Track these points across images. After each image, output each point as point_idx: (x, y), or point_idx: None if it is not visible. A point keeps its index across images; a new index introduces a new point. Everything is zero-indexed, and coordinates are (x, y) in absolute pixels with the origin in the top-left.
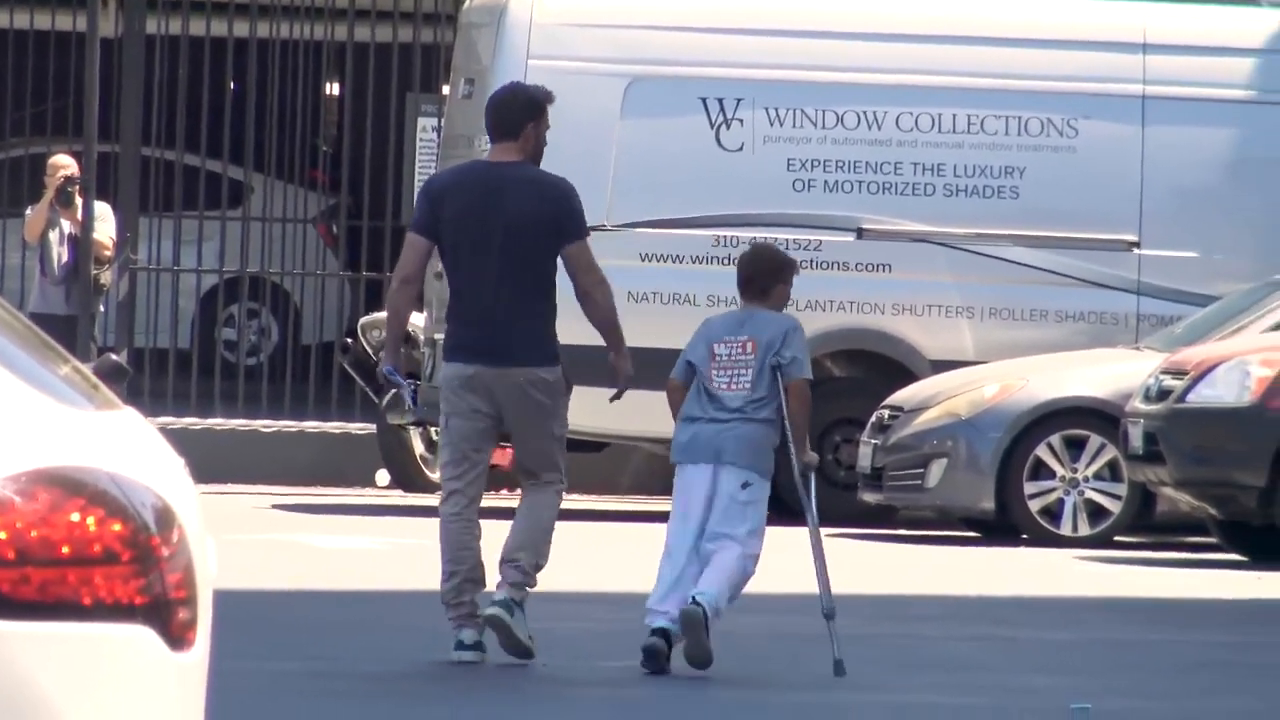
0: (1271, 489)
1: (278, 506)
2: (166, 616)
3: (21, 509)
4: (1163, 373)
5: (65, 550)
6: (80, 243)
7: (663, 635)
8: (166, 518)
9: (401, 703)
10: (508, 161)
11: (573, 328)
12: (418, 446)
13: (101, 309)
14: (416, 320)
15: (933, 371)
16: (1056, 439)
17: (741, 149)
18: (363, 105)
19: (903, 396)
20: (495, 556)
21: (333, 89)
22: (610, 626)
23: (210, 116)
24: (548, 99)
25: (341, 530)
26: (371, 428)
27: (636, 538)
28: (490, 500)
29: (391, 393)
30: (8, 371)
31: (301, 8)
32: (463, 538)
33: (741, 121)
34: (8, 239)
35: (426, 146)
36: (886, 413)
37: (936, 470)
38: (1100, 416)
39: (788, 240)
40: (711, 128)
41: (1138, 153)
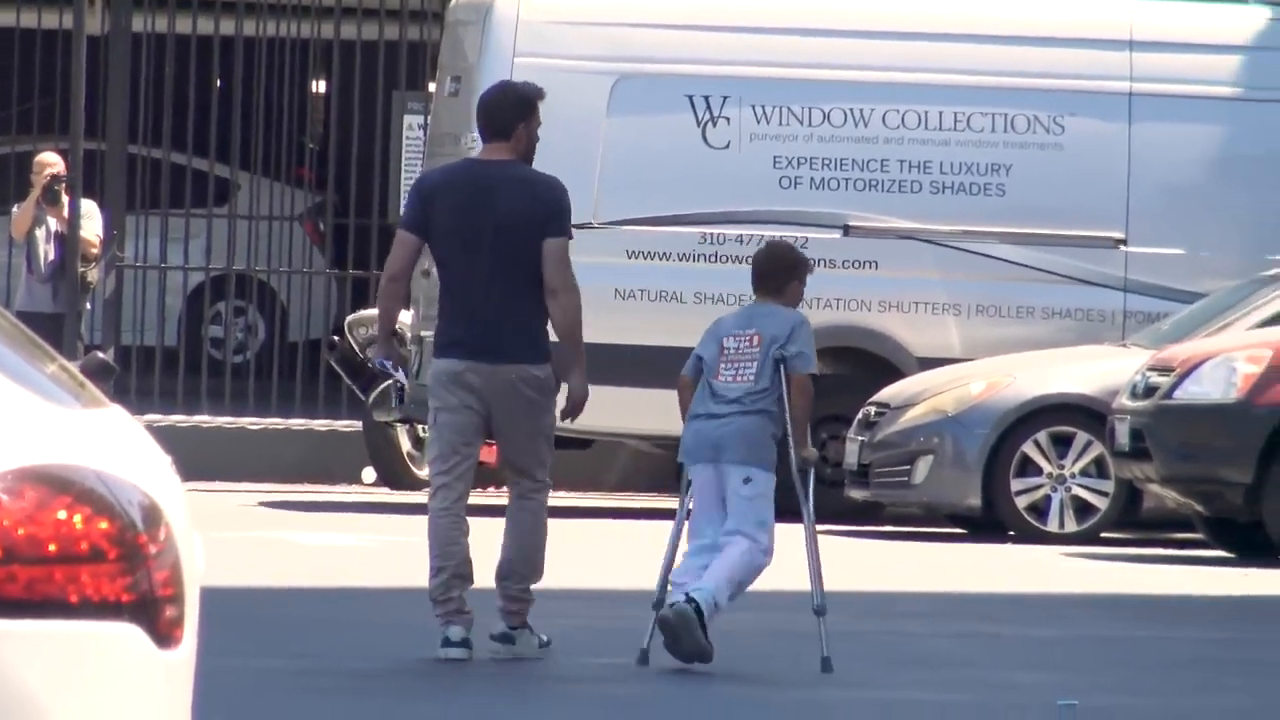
0: (1258, 485)
1: (264, 504)
2: (153, 614)
3: (8, 507)
4: (1149, 369)
5: (52, 548)
6: (67, 240)
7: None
8: (153, 515)
9: (388, 700)
10: (498, 160)
11: None
12: (404, 444)
13: (88, 307)
14: (404, 318)
15: (920, 368)
16: (1043, 436)
17: (728, 146)
18: (349, 103)
19: (889, 393)
20: (482, 557)
21: (319, 87)
22: (598, 623)
23: (197, 114)
24: (538, 96)
25: (328, 527)
26: (358, 425)
27: (623, 535)
28: (478, 498)
29: (380, 388)
30: None
31: (288, 5)
32: (451, 533)
33: (728, 119)
34: None
35: (413, 144)
36: (873, 409)
37: (923, 467)
38: (1087, 413)
39: (774, 238)
40: (698, 125)
41: (1124, 150)
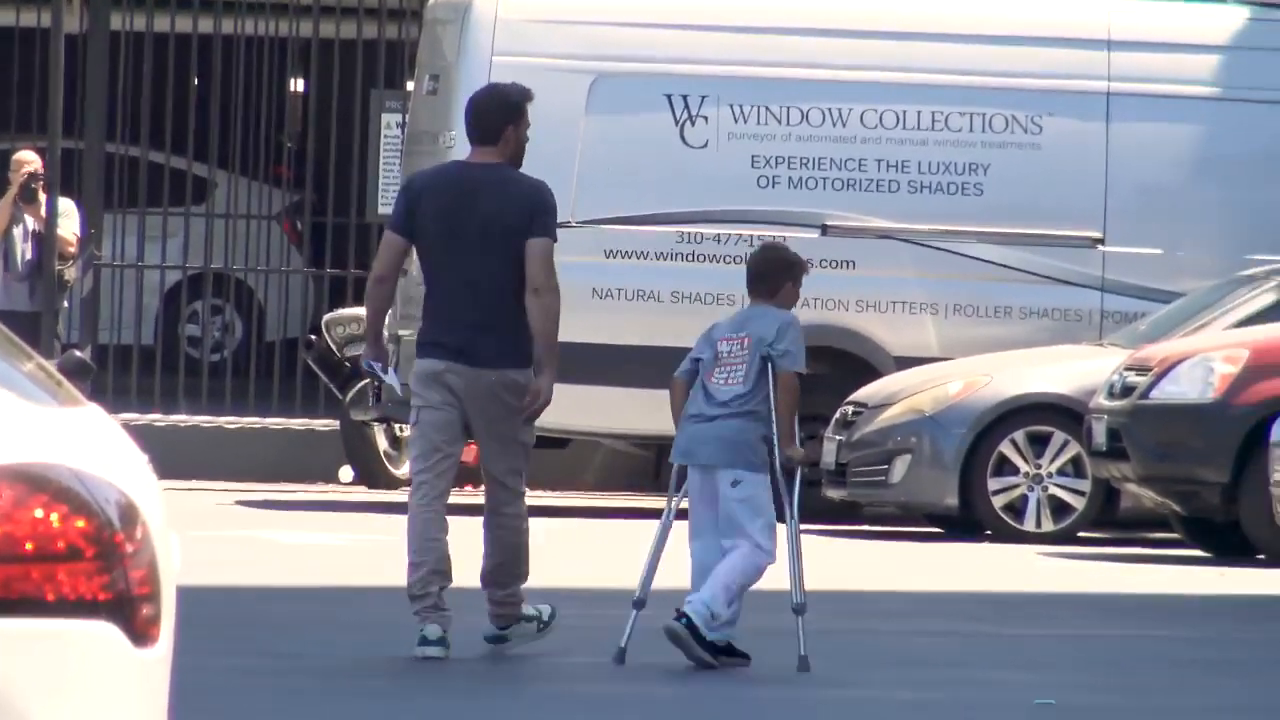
0: (1234, 485)
1: (241, 503)
2: (130, 613)
3: None
4: (1126, 369)
5: (29, 547)
6: (44, 239)
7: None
8: (130, 514)
9: (366, 699)
10: (485, 163)
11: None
12: (381, 442)
13: (65, 305)
14: None
15: (897, 368)
16: (1020, 435)
17: (706, 146)
18: (327, 101)
19: (867, 393)
20: (464, 557)
21: (297, 85)
22: (575, 622)
23: (174, 113)
24: (526, 98)
25: (305, 526)
26: (335, 424)
27: (599, 534)
28: (458, 497)
29: (357, 387)
30: None
31: (266, 4)
32: (430, 529)
33: (706, 118)
34: None
35: (391, 143)
36: (850, 409)
37: (900, 466)
38: (1064, 413)
39: (751, 236)
40: (676, 124)
41: (1102, 149)
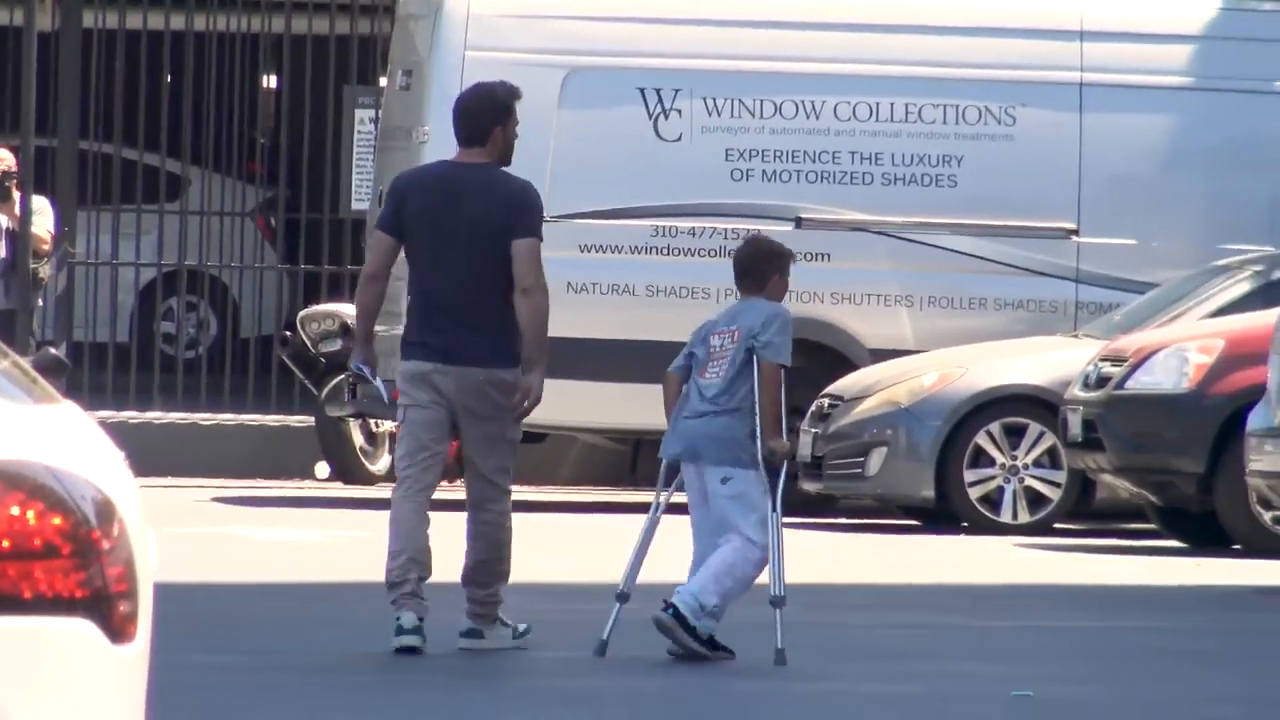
0: (1210, 475)
1: (217, 499)
2: (107, 610)
3: None
4: (1101, 360)
5: (5, 544)
6: (18, 237)
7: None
8: (107, 511)
9: (343, 694)
10: (471, 164)
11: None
12: (357, 438)
13: (40, 303)
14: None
15: (872, 360)
16: (996, 427)
17: (680, 139)
18: (300, 97)
19: (842, 385)
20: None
21: (270, 81)
22: (552, 617)
23: (148, 110)
24: (513, 97)
25: (281, 523)
26: (310, 420)
27: (575, 529)
28: (442, 493)
29: (332, 383)
30: None
31: (238, 0)
32: (413, 519)
33: (679, 112)
34: None
35: (364, 139)
36: (826, 402)
37: (876, 459)
38: (1039, 404)
39: (726, 230)
40: (649, 118)
41: (1075, 140)
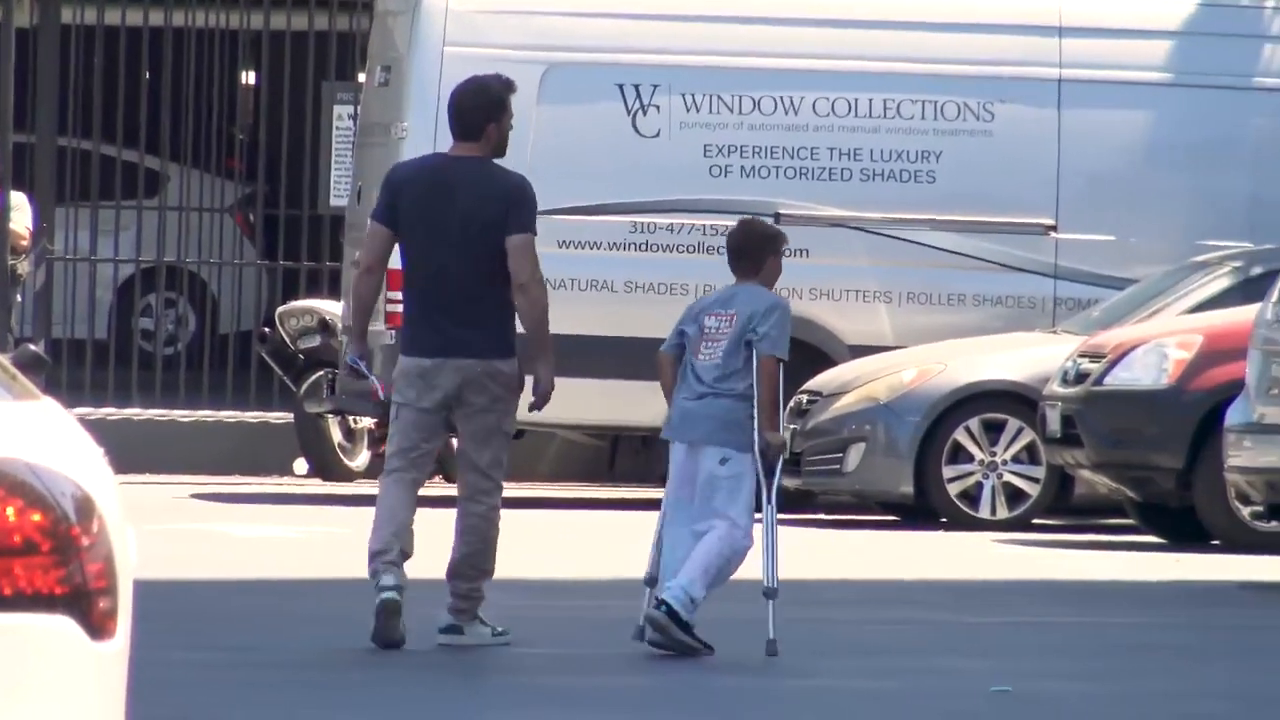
0: (1189, 471)
1: (196, 496)
2: (87, 606)
3: None
4: (1080, 356)
5: None
6: None
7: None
8: (86, 508)
9: (323, 691)
10: (465, 157)
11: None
12: (336, 435)
13: (18, 299)
14: (335, 309)
15: (851, 356)
16: (975, 423)
17: (658, 135)
18: (279, 93)
19: (821, 381)
20: (433, 551)
21: (249, 78)
22: (533, 614)
23: (126, 106)
24: (508, 91)
25: (260, 519)
26: (289, 417)
27: (553, 525)
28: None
29: (311, 380)
30: None
31: None
32: (399, 501)
33: (658, 108)
34: None
35: (343, 134)
36: (805, 398)
37: (855, 455)
38: (1018, 400)
39: (704, 226)
40: (628, 114)
41: (1054, 136)
